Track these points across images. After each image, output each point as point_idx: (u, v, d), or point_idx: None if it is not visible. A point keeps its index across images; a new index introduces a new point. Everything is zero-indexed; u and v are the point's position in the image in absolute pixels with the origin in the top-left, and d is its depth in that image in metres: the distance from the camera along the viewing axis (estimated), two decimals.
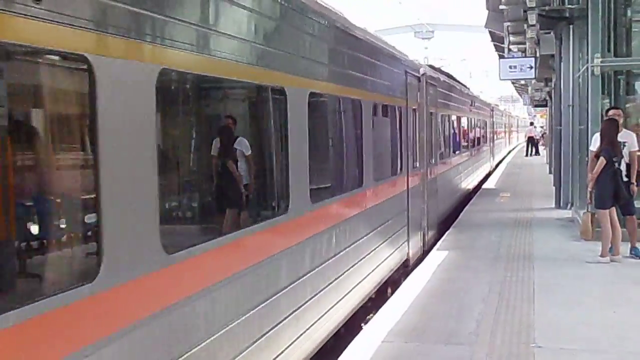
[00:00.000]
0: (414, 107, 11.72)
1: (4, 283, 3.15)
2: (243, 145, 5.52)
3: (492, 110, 35.48)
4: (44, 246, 3.37)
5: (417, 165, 12.20)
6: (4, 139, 3.07)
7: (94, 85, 3.38)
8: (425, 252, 12.24)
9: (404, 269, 11.02)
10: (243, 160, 5.48)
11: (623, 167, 10.56)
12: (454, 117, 18.20)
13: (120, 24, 3.59)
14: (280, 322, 5.75)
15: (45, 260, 3.40)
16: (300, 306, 6.21)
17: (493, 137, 35.49)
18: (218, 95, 5.58)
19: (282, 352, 5.73)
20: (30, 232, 3.34)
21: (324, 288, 6.93)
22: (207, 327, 4.49)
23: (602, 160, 10.37)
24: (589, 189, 10.73)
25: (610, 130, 10.54)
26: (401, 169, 10.82)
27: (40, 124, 3.41)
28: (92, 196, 3.44)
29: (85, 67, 3.35)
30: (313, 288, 6.56)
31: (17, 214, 3.20)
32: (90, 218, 3.50)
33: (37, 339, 3.07)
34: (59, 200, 3.53)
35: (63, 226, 3.58)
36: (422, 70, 12.59)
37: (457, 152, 18.93)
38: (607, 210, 10.51)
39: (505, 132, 53.05)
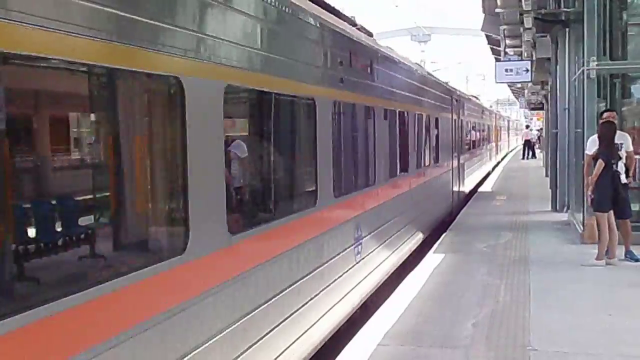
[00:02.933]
0: None
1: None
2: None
3: (458, 102, 20.18)
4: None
5: None
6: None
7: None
8: None
9: None
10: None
11: (622, 169, 10.58)
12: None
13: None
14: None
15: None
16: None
17: (461, 147, 20.61)
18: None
19: None
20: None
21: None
22: None
23: (600, 163, 10.39)
24: (589, 192, 10.74)
25: (609, 132, 10.56)
26: None
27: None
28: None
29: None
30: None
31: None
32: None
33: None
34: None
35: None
36: None
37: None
38: (606, 213, 10.53)
39: (488, 138, 34.60)
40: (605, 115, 11.14)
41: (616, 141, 10.66)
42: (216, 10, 4.92)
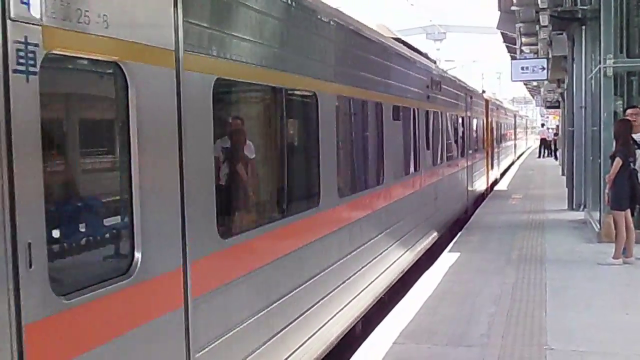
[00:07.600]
0: None
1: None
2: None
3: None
4: None
5: None
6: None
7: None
8: None
9: None
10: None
11: None
12: None
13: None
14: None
15: None
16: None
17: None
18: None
19: None
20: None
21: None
22: None
23: (618, 161, 10.32)
24: (606, 190, 10.68)
25: (625, 130, 10.50)
26: None
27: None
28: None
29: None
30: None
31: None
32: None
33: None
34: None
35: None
36: None
37: None
38: (623, 212, 10.46)
39: (471, 150, 19.26)
40: (628, 112, 11.06)
41: None
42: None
